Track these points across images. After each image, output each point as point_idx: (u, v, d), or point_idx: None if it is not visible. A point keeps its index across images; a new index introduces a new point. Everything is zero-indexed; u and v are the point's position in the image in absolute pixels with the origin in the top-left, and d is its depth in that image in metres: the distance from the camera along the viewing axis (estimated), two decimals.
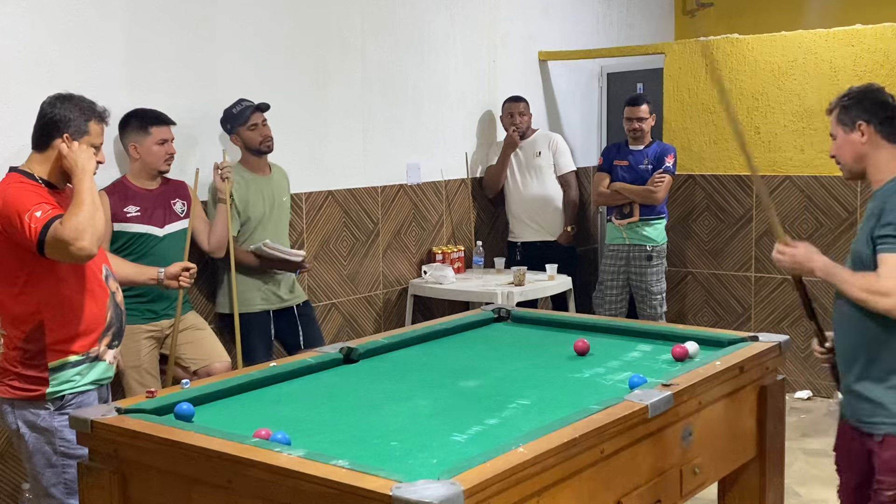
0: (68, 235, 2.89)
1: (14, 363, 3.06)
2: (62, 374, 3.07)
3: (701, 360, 3.25)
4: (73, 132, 3.07)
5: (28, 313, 3.04)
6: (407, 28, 5.67)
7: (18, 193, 2.98)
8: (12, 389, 3.07)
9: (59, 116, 3.09)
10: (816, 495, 4.40)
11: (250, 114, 4.44)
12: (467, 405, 2.91)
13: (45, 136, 3.10)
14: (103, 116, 3.19)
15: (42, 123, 3.11)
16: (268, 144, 4.51)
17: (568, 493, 2.41)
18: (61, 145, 3.06)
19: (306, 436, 2.56)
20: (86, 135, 3.10)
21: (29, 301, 3.04)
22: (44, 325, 3.05)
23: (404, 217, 5.71)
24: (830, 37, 5.81)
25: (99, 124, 3.15)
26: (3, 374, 3.09)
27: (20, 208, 2.93)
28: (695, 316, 6.38)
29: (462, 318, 4.03)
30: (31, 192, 3.00)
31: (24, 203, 2.94)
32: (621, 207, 5.77)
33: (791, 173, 5.97)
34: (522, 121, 6.13)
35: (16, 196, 2.97)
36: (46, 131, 3.09)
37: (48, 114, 3.10)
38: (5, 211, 2.96)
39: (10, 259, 3.03)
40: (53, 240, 2.90)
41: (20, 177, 3.07)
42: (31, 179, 3.06)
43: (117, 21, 4.16)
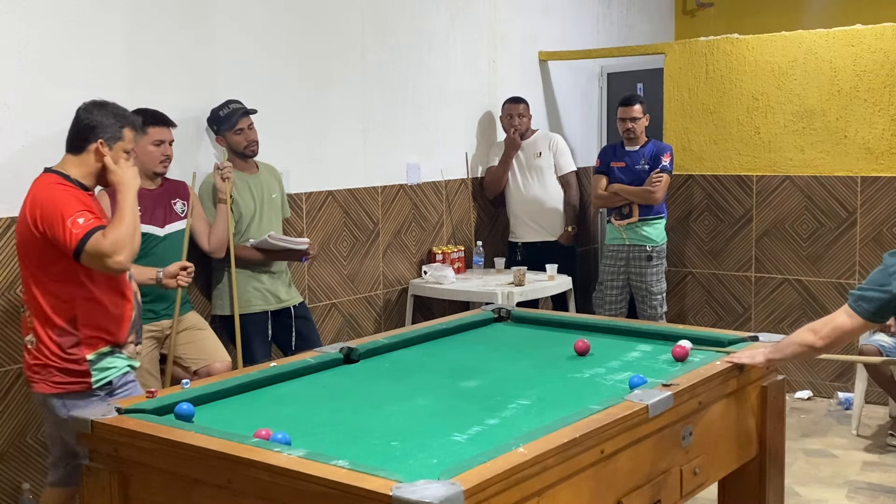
0: (108, 249, 3.03)
1: (53, 358, 3.17)
2: (101, 363, 3.21)
3: (701, 360, 3.25)
4: (108, 138, 3.21)
5: (62, 308, 3.16)
6: (407, 28, 5.67)
7: (63, 197, 3.10)
8: (57, 385, 3.18)
9: (96, 122, 3.22)
10: (816, 495, 4.40)
11: (238, 118, 4.44)
12: (467, 405, 2.91)
13: (80, 140, 3.23)
14: (136, 124, 3.33)
15: (78, 128, 3.24)
16: (252, 149, 4.51)
17: (568, 493, 2.41)
18: (108, 160, 3.20)
19: (306, 436, 2.56)
20: (120, 140, 3.23)
21: (63, 296, 3.15)
22: (77, 319, 3.17)
23: (404, 217, 5.71)
24: (830, 37, 5.81)
25: (132, 131, 3.29)
26: (44, 370, 3.19)
27: (64, 212, 3.05)
28: (695, 316, 6.38)
29: (462, 318, 4.03)
30: (74, 196, 3.12)
31: (67, 207, 3.07)
32: (620, 208, 5.77)
33: (791, 173, 5.98)
34: (522, 122, 6.13)
35: (60, 199, 3.09)
36: (83, 136, 3.22)
37: (84, 119, 3.24)
38: (48, 211, 3.08)
39: (46, 256, 3.13)
40: (93, 250, 3.03)
41: (59, 178, 3.18)
42: (69, 181, 3.17)
43: (117, 21, 4.16)
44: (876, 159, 5.71)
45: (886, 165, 5.69)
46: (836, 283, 5.88)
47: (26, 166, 3.86)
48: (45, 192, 3.13)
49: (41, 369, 3.20)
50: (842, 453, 4.96)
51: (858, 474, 4.66)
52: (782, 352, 3.15)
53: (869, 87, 5.70)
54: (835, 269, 5.88)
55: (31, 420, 3.92)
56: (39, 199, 3.13)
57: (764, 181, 6.06)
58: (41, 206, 3.10)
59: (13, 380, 3.85)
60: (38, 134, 3.91)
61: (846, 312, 2.97)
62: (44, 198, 3.11)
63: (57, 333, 3.18)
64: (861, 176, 5.76)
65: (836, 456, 4.93)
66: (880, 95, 5.67)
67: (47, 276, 3.16)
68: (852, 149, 5.78)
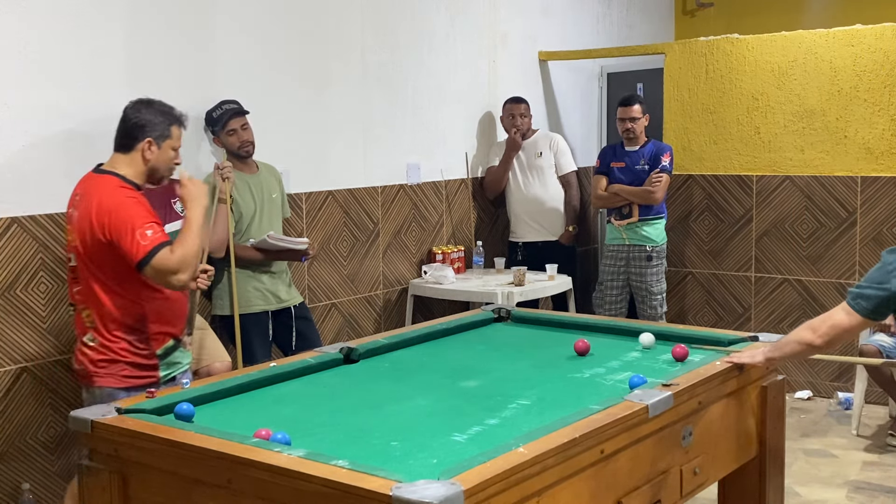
0: (174, 266, 3.13)
1: (123, 354, 3.26)
2: (169, 359, 3.35)
3: (701, 360, 3.25)
4: (156, 136, 3.29)
5: (130, 307, 3.25)
6: (407, 28, 5.67)
7: (132, 206, 3.17)
8: (125, 378, 3.27)
9: (144, 121, 3.29)
10: (816, 495, 4.40)
11: (227, 119, 4.43)
12: (467, 405, 2.91)
13: (129, 138, 3.30)
14: (182, 121, 3.40)
15: (126, 127, 3.31)
16: (246, 149, 4.50)
17: (568, 493, 2.41)
18: (183, 174, 3.35)
19: (306, 436, 2.56)
20: (168, 138, 3.32)
21: (130, 296, 3.24)
22: (146, 316, 3.28)
23: (404, 217, 5.70)
24: (830, 37, 5.81)
25: (179, 128, 3.38)
26: (112, 365, 3.27)
27: (134, 223, 3.13)
28: (695, 316, 6.38)
29: (462, 318, 4.03)
30: (142, 205, 3.20)
31: (137, 218, 3.14)
32: (620, 208, 5.77)
33: (791, 173, 5.98)
34: (523, 122, 6.13)
35: (130, 208, 3.16)
36: (131, 135, 3.29)
37: (132, 118, 3.30)
38: (117, 219, 3.14)
39: (111, 259, 3.20)
40: (159, 265, 3.12)
41: (121, 181, 3.25)
42: (129, 184, 3.24)
43: (117, 21, 4.16)
44: (876, 159, 5.71)
45: (886, 165, 5.69)
46: (836, 283, 5.88)
47: (26, 166, 3.87)
48: (114, 198, 3.18)
49: (109, 364, 3.28)
50: (842, 453, 4.96)
51: (858, 474, 4.67)
52: (781, 350, 3.15)
53: (869, 87, 5.70)
54: (835, 269, 5.88)
55: (31, 420, 3.92)
56: (108, 206, 3.16)
57: (764, 181, 6.06)
58: (109, 213, 3.15)
59: (13, 380, 3.86)
60: (38, 134, 3.91)
61: (844, 310, 2.96)
62: (114, 205, 3.16)
63: (125, 331, 3.26)
64: (861, 176, 5.76)
65: (836, 456, 4.93)
66: (880, 95, 5.67)
67: (114, 278, 3.22)
68: (852, 149, 5.78)
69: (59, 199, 3.97)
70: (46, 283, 3.95)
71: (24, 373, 3.89)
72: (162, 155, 3.37)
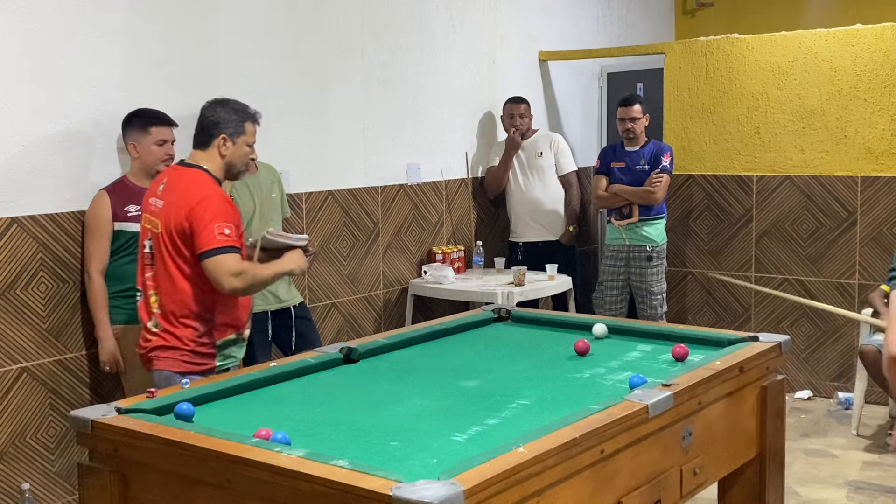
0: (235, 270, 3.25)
1: (186, 342, 3.37)
2: (226, 351, 3.45)
3: (701, 360, 3.25)
4: (230, 133, 3.44)
5: (202, 297, 3.36)
6: (407, 28, 5.67)
7: (220, 202, 3.32)
8: (186, 364, 3.38)
9: (219, 119, 3.46)
10: (816, 495, 4.40)
11: None
12: (467, 405, 2.91)
13: (205, 136, 3.46)
14: (256, 118, 3.54)
15: (203, 125, 3.48)
16: None
17: (568, 493, 2.41)
18: (295, 254, 3.53)
19: (306, 436, 2.56)
20: (242, 135, 3.47)
21: (206, 286, 3.34)
22: (215, 305, 3.39)
23: (404, 217, 5.70)
24: (830, 37, 5.81)
25: (253, 125, 3.52)
26: (174, 352, 3.38)
27: (217, 215, 3.27)
28: (695, 316, 6.38)
29: (462, 318, 4.03)
30: (229, 203, 3.37)
31: (222, 213, 3.29)
32: (620, 208, 5.77)
33: (791, 173, 5.98)
34: (523, 122, 6.13)
35: (219, 202, 3.31)
36: (207, 132, 3.46)
37: (208, 116, 3.48)
38: (202, 206, 3.27)
39: (192, 247, 3.31)
40: (223, 262, 3.25)
41: (208, 176, 3.41)
42: (216, 181, 3.41)
43: (117, 21, 4.16)
44: (876, 159, 5.71)
45: (886, 165, 5.69)
46: (836, 283, 5.88)
47: (26, 166, 3.87)
48: (204, 190, 3.33)
49: (170, 351, 3.38)
50: (842, 453, 4.96)
51: (858, 474, 4.67)
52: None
53: (869, 87, 5.70)
54: (835, 269, 5.88)
55: (31, 420, 3.92)
56: (197, 196, 3.30)
57: (764, 181, 6.06)
58: (198, 202, 3.28)
59: (13, 380, 3.86)
60: (38, 134, 3.91)
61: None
62: (203, 195, 3.30)
63: (193, 318, 3.36)
64: (861, 176, 5.76)
65: (836, 456, 4.93)
66: (880, 95, 5.67)
67: (193, 266, 3.32)
68: (852, 149, 5.78)
69: (59, 199, 3.99)
70: (46, 283, 3.95)
71: (24, 373, 3.89)
72: (237, 150, 3.48)
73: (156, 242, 3.39)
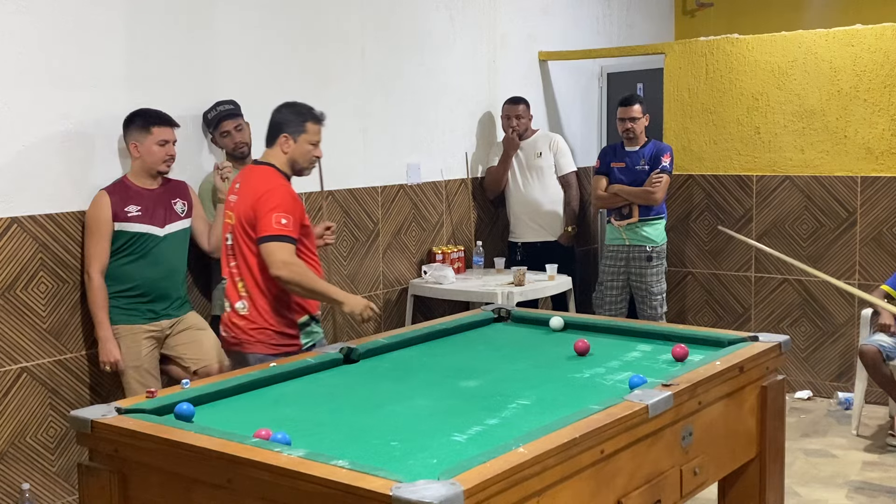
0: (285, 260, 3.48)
1: (272, 322, 3.61)
2: (308, 329, 3.69)
3: (701, 360, 3.25)
4: (291, 131, 3.68)
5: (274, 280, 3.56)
6: (407, 28, 5.67)
7: (284, 193, 3.59)
8: (275, 346, 3.61)
9: (281, 119, 3.72)
10: (816, 495, 4.40)
11: (220, 120, 4.44)
12: (467, 405, 2.91)
13: (272, 135, 3.73)
14: (319, 118, 3.75)
15: (270, 125, 3.74)
16: (241, 150, 4.50)
17: (568, 493, 2.41)
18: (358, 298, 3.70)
19: (306, 436, 2.56)
20: (303, 133, 3.69)
21: None
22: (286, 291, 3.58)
23: (404, 217, 5.70)
24: (830, 37, 5.81)
25: (315, 124, 3.73)
26: (262, 333, 3.61)
27: (278, 206, 3.53)
28: (695, 316, 6.38)
29: (462, 318, 4.03)
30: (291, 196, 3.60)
31: (284, 204, 3.55)
32: (620, 209, 5.76)
33: (791, 173, 5.98)
34: (521, 123, 6.12)
35: (282, 194, 3.58)
36: (273, 132, 3.72)
37: (275, 117, 3.74)
38: (267, 196, 3.54)
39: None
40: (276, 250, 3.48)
41: (275, 170, 3.67)
42: (281, 174, 3.67)
43: (117, 21, 4.16)
44: (876, 159, 5.71)
45: (886, 165, 5.69)
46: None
47: (26, 166, 3.88)
48: (270, 182, 3.60)
49: (258, 332, 3.62)
50: (842, 453, 4.96)
51: (858, 474, 4.66)
52: None
53: (869, 87, 5.70)
54: (835, 269, 5.87)
55: (31, 420, 3.92)
56: (264, 188, 3.57)
57: (764, 181, 6.06)
58: (264, 193, 3.55)
59: (13, 380, 3.86)
60: (38, 134, 3.91)
61: None
62: (269, 187, 3.57)
63: (272, 302, 3.60)
64: (861, 176, 5.76)
65: (836, 456, 4.93)
66: (880, 95, 5.67)
67: None
68: (852, 149, 5.78)
69: (59, 199, 3.99)
70: (46, 283, 3.95)
71: (24, 373, 3.89)
72: (298, 148, 3.70)
73: (234, 234, 3.67)
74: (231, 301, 3.68)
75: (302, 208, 3.65)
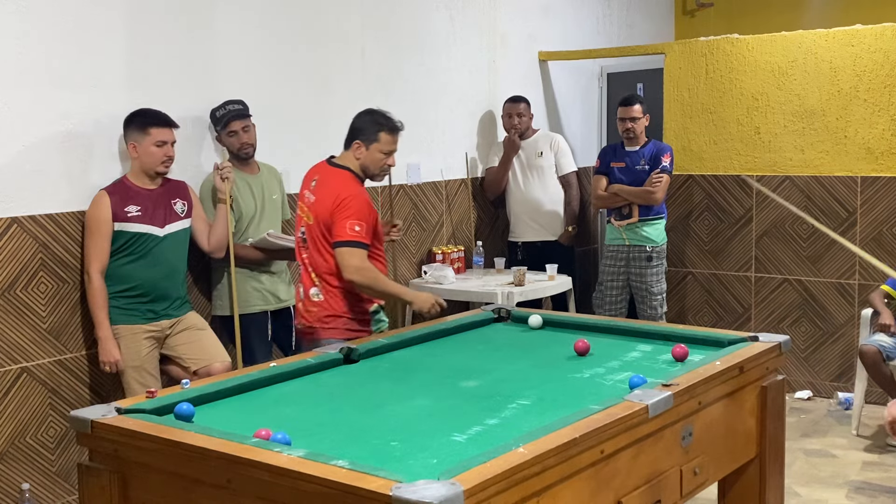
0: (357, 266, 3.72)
1: (345, 310, 3.84)
2: (377, 317, 3.92)
3: (701, 360, 3.25)
4: (364, 139, 3.88)
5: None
6: (407, 28, 5.67)
7: (360, 202, 3.79)
8: (350, 331, 3.83)
9: (358, 125, 3.94)
10: (816, 495, 4.40)
11: (229, 120, 4.44)
12: (467, 405, 2.91)
13: (349, 139, 3.95)
14: (396, 128, 3.95)
15: (350, 130, 3.96)
16: (246, 151, 4.50)
17: (568, 493, 2.41)
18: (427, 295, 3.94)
19: (306, 436, 2.56)
20: (375, 142, 3.89)
21: None
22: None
23: (404, 217, 5.70)
24: (830, 37, 5.81)
25: (389, 135, 3.92)
26: (336, 320, 3.84)
27: (354, 213, 3.74)
28: (695, 316, 6.38)
29: (462, 318, 4.03)
30: (365, 202, 3.81)
31: (359, 212, 3.76)
32: (620, 209, 5.77)
33: (791, 173, 5.98)
34: (522, 122, 6.13)
35: (358, 203, 3.78)
36: (350, 137, 3.94)
37: (353, 123, 3.96)
38: (345, 204, 3.75)
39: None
40: (348, 255, 3.72)
41: (352, 175, 3.88)
42: (357, 179, 3.89)
43: (117, 21, 4.16)
44: (876, 159, 5.71)
45: (886, 165, 5.69)
46: (835, 283, 5.88)
47: (26, 166, 3.88)
48: (349, 189, 3.80)
49: (333, 319, 3.84)
50: (842, 453, 4.96)
51: (858, 474, 4.66)
52: None
53: (869, 87, 5.70)
54: (835, 269, 5.88)
55: (32, 420, 3.92)
56: (344, 195, 3.77)
57: (764, 181, 6.06)
58: (344, 199, 3.76)
59: (13, 380, 3.86)
60: (38, 134, 3.92)
61: None
62: (348, 195, 3.77)
63: (343, 291, 3.82)
64: (861, 176, 5.76)
65: (836, 456, 4.93)
66: (880, 95, 5.67)
67: None
68: (852, 149, 5.78)
69: (59, 199, 3.99)
70: (46, 283, 3.95)
71: (24, 373, 3.89)
72: (370, 156, 3.90)
73: (308, 231, 3.89)
74: (305, 287, 3.91)
75: (375, 215, 3.86)
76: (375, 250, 3.90)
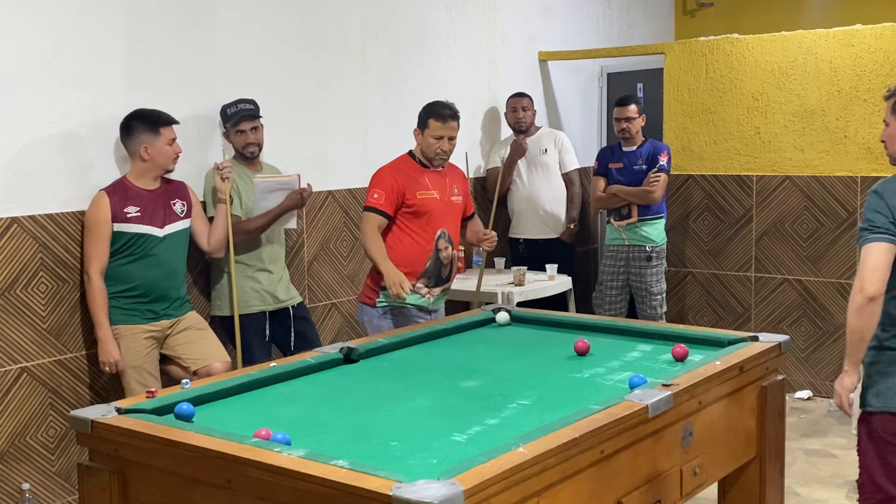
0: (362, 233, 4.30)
1: (368, 279, 4.39)
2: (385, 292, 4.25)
3: (701, 360, 3.25)
4: (420, 126, 4.35)
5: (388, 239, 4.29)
6: (407, 28, 5.67)
7: (386, 173, 4.32)
8: (365, 297, 4.38)
9: (420, 114, 4.36)
10: (816, 495, 4.40)
11: (239, 119, 4.45)
12: (467, 405, 2.91)
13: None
14: (441, 115, 4.31)
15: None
16: (250, 150, 4.51)
17: (568, 493, 2.41)
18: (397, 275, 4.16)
19: (306, 436, 2.56)
20: (426, 128, 4.33)
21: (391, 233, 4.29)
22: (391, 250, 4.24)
23: None
24: (830, 37, 5.81)
25: (437, 121, 4.31)
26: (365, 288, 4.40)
27: (377, 183, 4.29)
28: (695, 316, 6.38)
29: (462, 318, 4.03)
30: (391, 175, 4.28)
31: (381, 182, 4.28)
32: (620, 209, 5.77)
33: (791, 173, 5.98)
34: (526, 116, 6.16)
35: (385, 173, 4.32)
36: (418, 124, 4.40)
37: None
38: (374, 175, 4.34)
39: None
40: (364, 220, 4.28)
41: (406, 156, 4.43)
42: (412, 158, 4.40)
43: (117, 21, 4.16)
44: (876, 159, 5.71)
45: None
46: (836, 283, 5.88)
47: (26, 166, 3.88)
48: (389, 164, 4.38)
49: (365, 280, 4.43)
50: (842, 453, 4.96)
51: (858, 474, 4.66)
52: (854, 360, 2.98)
53: (869, 87, 5.70)
54: (835, 269, 5.88)
55: (31, 420, 3.92)
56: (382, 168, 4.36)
57: (764, 181, 6.06)
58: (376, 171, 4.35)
59: (13, 380, 3.86)
60: (38, 134, 3.92)
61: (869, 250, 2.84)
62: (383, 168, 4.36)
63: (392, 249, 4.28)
64: (861, 176, 5.76)
65: (836, 456, 4.93)
66: (880, 95, 5.65)
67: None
68: (852, 149, 5.78)
69: (59, 199, 3.99)
70: (46, 283, 3.95)
71: (24, 373, 3.89)
72: (424, 141, 4.35)
73: None
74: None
75: (402, 187, 4.23)
76: (408, 227, 4.27)
